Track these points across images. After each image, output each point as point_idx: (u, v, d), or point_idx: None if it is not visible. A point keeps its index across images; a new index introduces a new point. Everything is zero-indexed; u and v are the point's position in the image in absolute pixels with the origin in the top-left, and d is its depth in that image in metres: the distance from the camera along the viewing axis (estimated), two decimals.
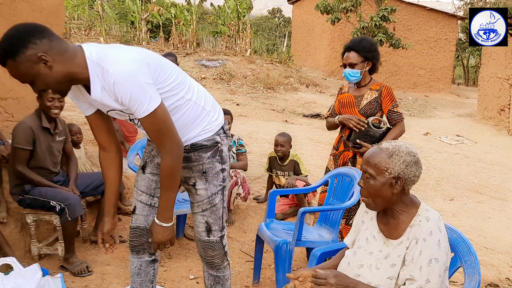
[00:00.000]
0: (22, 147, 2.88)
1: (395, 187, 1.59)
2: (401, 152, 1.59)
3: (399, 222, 1.63)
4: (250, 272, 3.09)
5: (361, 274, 1.65)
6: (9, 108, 3.64)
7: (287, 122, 9.51)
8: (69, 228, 2.92)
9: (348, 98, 3.12)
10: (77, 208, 2.91)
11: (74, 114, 6.41)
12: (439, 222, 1.57)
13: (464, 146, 9.03)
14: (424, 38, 17.87)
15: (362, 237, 1.74)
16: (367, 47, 3.00)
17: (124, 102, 1.58)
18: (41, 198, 2.92)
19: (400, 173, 1.58)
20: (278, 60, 16.60)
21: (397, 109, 3.02)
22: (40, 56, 1.50)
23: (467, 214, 4.78)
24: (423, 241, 1.53)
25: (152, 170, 2.02)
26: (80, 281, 2.86)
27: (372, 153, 1.64)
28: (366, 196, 1.66)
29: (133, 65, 1.57)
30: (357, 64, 2.98)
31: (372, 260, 1.65)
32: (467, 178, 6.39)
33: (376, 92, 3.03)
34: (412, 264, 1.53)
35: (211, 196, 1.94)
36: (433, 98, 16.64)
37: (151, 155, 2.03)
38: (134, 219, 2.03)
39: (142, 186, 2.02)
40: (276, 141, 4.27)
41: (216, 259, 2.03)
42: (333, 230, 2.95)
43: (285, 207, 4.24)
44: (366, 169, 1.63)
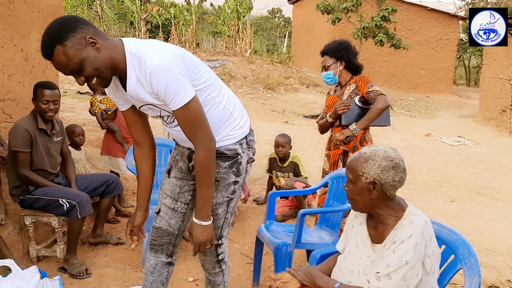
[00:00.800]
0: (21, 149, 2.86)
1: (372, 192, 1.59)
2: (377, 157, 1.58)
3: (386, 226, 1.62)
4: (250, 275, 3.07)
5: (352, 280, 1.66)
6: (7, 109, 3.62)
7: (287, 123, 9.50)
8: (75, 228, 2.91)
9: (333, 99, 3.27)
10: (87, 206, 2.91)
11: (72, 115, 6.41)
12: (424, 226, 1.54)
13: (465, 147, 9.00)
14: (425, 38, 17.85)
15: (352, 242, 1.74)
16: (334, 48, 3.15)
17: (160, 92, 1.60)
18: (47, 197, 2.89)
19: (376, 178, 1.57)
20: (278, 60, 16.61)
21: (373, 88, 3.05)
22: (89, 38, 1.52)
23: (468, 216, 4.76)
24: (400, 242, 1.52)
25: (176, 174, 2.02)
26: (78, 283, 2.83)
27: (352, 158, 1.66)
28: (350, 199, 1.68)
29: (169, 57, 1.60)
30: (330, 65, 3.15)
31: (361, 266, 1.65)
32: (468, 180, 6.36)
33: (354, 84, 3.15)
34: (381, 259, 1.54)
35: (214, 205, 1.90)
36: (434, 98, 16.63)
37: (175, 160, 2.04)
38: (158, 219, 2.04)
39: (167, 190, 2.03)
40: (277, 142, 4.25)
41: (206, 263, 2.05)
42: (333, 232, 2.92)
43: (285, 208, 4.22)
44: (347, 173, 1.65)
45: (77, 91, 9.07)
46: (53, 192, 2.91)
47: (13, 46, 3.55)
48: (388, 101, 3.03)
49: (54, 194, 2.90)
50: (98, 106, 4.37)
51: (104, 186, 3.26)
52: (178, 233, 2.05)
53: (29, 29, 3.66)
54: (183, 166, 1.99)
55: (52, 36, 1.50)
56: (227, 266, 2.10)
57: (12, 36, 3.52)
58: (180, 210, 2.01)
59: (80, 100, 8.16)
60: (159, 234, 2.04)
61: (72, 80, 10.22)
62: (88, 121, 5.66)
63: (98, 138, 5.23)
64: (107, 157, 4.36)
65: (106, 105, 4.37)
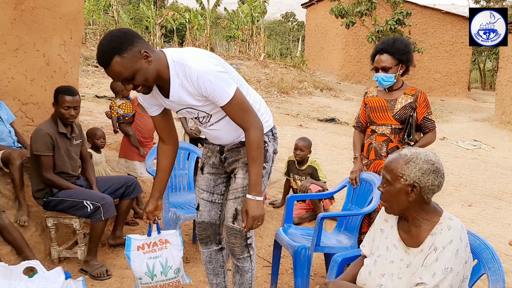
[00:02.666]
0: (44, 153, 2.92)
1: (410, 195, 1.57)
2: (419, 160, 1.56)
3: (421, 230, 1.61)
4: (267, 278, 3.08)
5: (383, 284, 1.64)
6: (29, 113, 3.69)
7: (301, 126, 9.49)
8: (98, 229, 2.95)
9: (379, 102, 2.97)
10: (111, 208, 2.96)
11: (90, 118, 6.51)
12: (462, 231, 1.55)
13: (481, 151, 8.90)
14: (439, 41, 17.71)
15: (382, 246, 1.72)
16: (401, 49, 2.81)
17: (209, 92, 1.81)
18: (72, 198, 2.95)
19: (416, 180, 1.55)
20: (292, 64, 16.61)
21: (431, 117, 2.93)
22: (143, 52, 1.71)
23: (486, 220, 4.70)
24: (441, 249, 1.51)
25: (209, 170, 2.23)
26: (99, 284, 2.88)
27: (391, 158, 1.63)
28: (384, 201, 1.66)
29: (211, 60, 1.82)
30: (391, 68, 2.82)
31: (393, 269, 1.63)
32: (485, 184, 6.29)
33: (412, 97, 2.89)
34: (425, 268, 1.52)
35: (245, 186, 2.08)
36: (449, 102, 16.46)
37: (207, 157, 2.25)
38: (199, 214, 2.25)
39: (203, 185, 2.24)
40: (296, 145, 4.27)
41: (236, 247, 2.15)
42: (351, 236, 2.92)
43: (301, 211, 4.23)
44: (384, 174, 1.63)
45: (95, 95, 9.19)
46: (78, 194, 2.96)
47: (36, 51, 3.63)
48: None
49: (78, 196, 2.95)
50: (116, 111, 4.44)
51: (123, 188, 3.30)
52: (220, 222, 2.25)
53: (51, 34, 3.74)
54: (215, 160, 2.20)
55: (112, 48, 1.66)
56: (254, 252, 2.23)
57: (34, 41, 3.60)
58: (217, 201, 2.23)
59: (97, 104, 8.27)
60: (203, 227, 2.25)
61: (90, 84, 10.37)
62: (106, 124, 5.74)
63: (116, 142, 5.30)
64: (124, 160, 4.42)
65: (124, 111, 4.43)
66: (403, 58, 2.82)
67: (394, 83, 2.89)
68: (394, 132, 2.93)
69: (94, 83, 10.60)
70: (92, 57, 12.58)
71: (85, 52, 12.57)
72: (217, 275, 2.33)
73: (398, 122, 2.91)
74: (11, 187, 3.18)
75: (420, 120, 2.92)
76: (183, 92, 1.86)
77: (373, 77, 2.97)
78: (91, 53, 12.87)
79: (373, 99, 3.00)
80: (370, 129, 3.03)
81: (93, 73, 11.56)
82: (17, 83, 3.55)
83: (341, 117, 10.99)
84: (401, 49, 2.82)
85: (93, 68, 11.89)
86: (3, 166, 3.17)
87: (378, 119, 2.96)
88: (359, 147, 3.09)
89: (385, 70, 2.83)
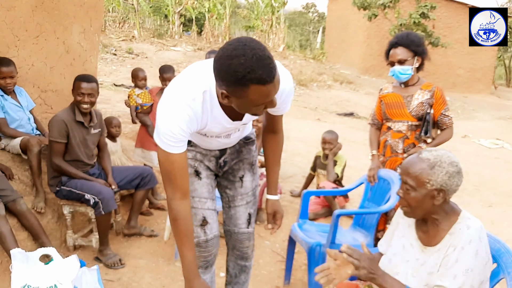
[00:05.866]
0: (56, 140, 2.94)
1: (436, 199, 1.52)
2: (444, 163, 1.51)
3: (439, 230, 1.57)
4: (281, 273, 3.05)
5: None
6: (48, 100, 3.72)
7: (319, 120, 9.39)
8: (103, 221, 2.96)
9: (395, 98, 2.93)
10: (110, 202, 2.94)
11: (108, 106, 6.54)
12: (481, 231, 1.50)
13: (504, 150, 8.67)
14: (464, 36, 17.23)
15: (398, 244, 1.69)
16: (416, 41, 2.80)
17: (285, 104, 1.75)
18: (76, 190, 2.97)
19: (442, 184, 1.50)
20: (311, 56, 16.45)
21: (448, 113, 2.88)
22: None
23: (507, 222, 4.58)
24: (461, 249, 1.47)
25: (205, 174, 1.95)
26: (113, 273, 2.89)
27: (412, 163, 1.56)
28: (405, 206, 1.60)
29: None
30: (407, 60, 2.79)
31: (408, 268, 1.61)
32: (507, 184, 6.12)
33: (428, 93, 2.86)
34: (446, 270, 1.48)
35: (255, 188, 2.03)
36: (472, 99, 16.08)
37: (197, 160, 1.94)
38: (208, 230, 1.91)
39: (204, 193, 1.93)
40: (324, 139, 4.23)
41: (249, 249, 2.09)
42: (368, 234, 2.87)
43: (317, 207, 4.18)
44: (406, 180, 1.56)
45: (113, 83, 9.25)
46: (81, 186, 2.98)
47: (56, 39, 3.64)
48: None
49: (82, 188, 2.97)
50: (135, 100, 4.43)
51: (139, 178, 3.31)
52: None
53: (71, 22, 3.74)
54: (209, 164, 1.95)
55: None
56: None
57: (55, 28, 3.61)
58: (216, 207, 2.00)
59: (115, 92, 8.31)
60: (214, 244, 1.95)
61: (108, 72, 10.43)
62: (124, 113, 5.75)
63: (133, 131, 5.31)
64: (140, 150, 4.42)
65: (143, 100, 4.43)
66: (418, 49, 2.81)
67: (409, 79, 2.86)
68: (410, 129, 2.89)
69: (113, 71, 10.65)
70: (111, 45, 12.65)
71: (104, 40, 12.63)
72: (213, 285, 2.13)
73: (415, 118, 2.86)
74: (29, 174, 3.22)
75: (437, 117, 2.87)
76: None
77: (389, 73, 2.91)
78: (110, 40, 12.94)
79: (389, 95, 2.96)
80: (386, 126, 3.00)
81: (112, 61, 11.62)
82: (37, 70, 3.57)
83: (360, 112, 10.84)
84: (416, 41, 2.81)
85: (112, 56, 11.95)
86: (22, 152, 3.20)
87: (394, 115, 2.92)
88: (375, 144, 3.06)
89: (401, 63, 2.80)
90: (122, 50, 12.59)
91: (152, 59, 12.08)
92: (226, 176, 2.02)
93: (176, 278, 2.89)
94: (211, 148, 1.92)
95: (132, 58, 12.09)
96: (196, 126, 1.60)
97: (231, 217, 2.03)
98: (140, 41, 14.49)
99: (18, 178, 3.17)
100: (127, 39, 14.45)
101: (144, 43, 14.40)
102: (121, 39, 13.94)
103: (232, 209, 2.02)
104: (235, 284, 2.20)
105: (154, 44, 14.55)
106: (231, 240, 2.08)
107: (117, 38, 13.89)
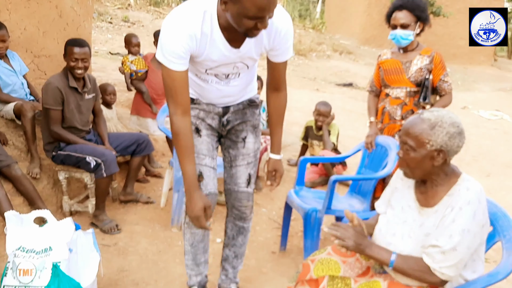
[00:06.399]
0: (52, 107, 2.89)
1: (436, 160, 1.51)
2: (445, 123, 1.48)
3: (438, 191, 1.56)
4: (277, 239, 3.07)
5: (392, 242, 1.61)
6: (42, 65, 3.65)
7: (318, 90, 9.31)
8: (102, 185, 2.95)
9: (394, 64, 2.89)
10: (112, 165, 2.93)
11: (104, 75, 6.45)
12: (480, 194, 1.49)
13: (503, 121, 8.65)
14: (466, 6, 16.91)
15: (397, 206, 1.68)
16: (421, 6, 2.74)
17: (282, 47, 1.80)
18: (76, 154, 2.93)
19: (443, 145, 1.48)
20: (311, 26, 16.18)
21: (447, 79, 2.83)
22: None
23: (505, 191, 4.61)
24: (459, 210, 1.46)
25: (206, 132, 1.99)
26: (109, 238, 2.90)
27: (413, 123, 1.53)
28: (404, 166, 1.59)
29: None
30: (409, 25, 2.74)
31: (405, 229, 1.61)
32: (505, 155, 6.14)
33: (428, 58, 2.81)
34: (442, 230, 1.48)
35: (256, 150, 2.08)
36: (473, 70, 15.94)
37: (199, 118, 1.99)
38: (204, 186, 1.94)
39: (203, 150, 1.97)
40: (318, 111, 4.19)
41: (248, 209, 2.12)
42: (364, 200, 2.87)
43: (314, 176, 4.18)
44: (406, 140, 1.54)
45: (109, 52, 9.10)
46: (82, 150, 2.94)
47: (48, 2, 3.54)
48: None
49: (82, 151, 2.93)
50: (129, 67, 4.36)
51: (135, 145, 3.28)
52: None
53: None
54: (212, 122, 2.01)
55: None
56: None
57: None
58: (215, 167, 2.02)
59: (111, 60, 8.19)
60: (212, 202, 1.97)
61: (104, 41, 10.25)
62: (120, 81, 5.67)
63: (129, 99, 5.25)
64: (136, 117, 4.38)
65: (137, 66, 4.36)
66: (422, 15, 2.75)
67: (409, 44, 2.81)
68: (409, 95, 2.86)
69: (108, 39, 10.46)
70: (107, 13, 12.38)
71: (100, 8, 12.35)
72: (206, 251, 2.18)
73: (413, 84, 2.83)
74: (23, 140, 3.19)
75: (436, 82, 2.83)
76: (253, 41, 1.74)
77: (389, 35, 2.84)
78: (105, 8, 12.65)
79: (388, 62, 2.92)
80: (384, 93, 2.97)
81: (107, 29, 11.40)
82: (29, 35, 3.49)
83: (359, 82, 10.74)
84: (421, 6, 2.75)
85: (107, 25, 11.71)
86: (16, 118, 3.16)
87: (393, 82, 2.89)
88: (374, 111, 3.03)
89: (404, 27, 2.74)
90: (117, 19, 12.33)
91: (148, 27, 11.83)
92: (229, 137, 2.07)
93: (172, 243, 2.90)
94: (212, 99, 1.95)
95: (128, 27, 11.85)
96: (195, 45, 1.67)
97: (232, 176, 2.07)
98: (136, 9, 14.16)
99: (12, 143, 3.14)
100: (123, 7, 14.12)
101: (141, 11, 14.09)
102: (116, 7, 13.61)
103: (233, 169, 2.07)
104: (232, 246, 2.23)
105: (150, 13, 14.25)
106: (230, 199, 2.12)
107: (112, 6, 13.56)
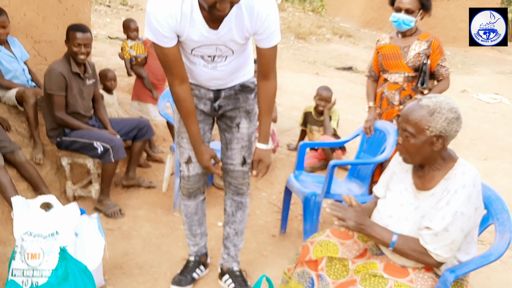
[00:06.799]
0: (56, 93, 2.91)
1: (435, 145, 1.55)
2: (443, 109, 1.52)
3: (434, 175, 1.61)
4: (277, 223, 3.13)
5: (389, 224, 1.66)
6: (42, 51, 3.66)
7: (318, 74, 9.28)
8: (109, 171, 2.99)
9: (392, 49, 2.91)
10: (121, 150, 2.98)
11: (103, 59, 6.43)
12: (476, 178, 1.54)
13: (502, 105, 8.65)
14: None
15: (395, 189, 1.73)
16: None
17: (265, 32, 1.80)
18: (83, 139, 2.97)
19: (442, 131, 1.52)
20: (310, 9, 16.03)
21: (445, 63, 2.85)
22: None
23: (502, 175, 4.65)
24: (454, 193, 1.51)
25: (198, 117, 2.08)
26: (113, 222, 2.96)
27: (412, 110, 1.57)
28: (404, 153, 1.63)
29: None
30: (414, 11, 2.75)
31: (401, 212, 1.65)
32: (503, 138, 6.16)
33: (426, 43, 2.84)
34: (436, 212, 1.52)
35: (251, 134, 2.14)
36: (473, 53, 15.83)
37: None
38: (192, 167, 2.15)
39: None
40: (320, 95, 4.20)
41: (244, 186, 2.23)
42: (362, 184, 2.92)
43: (314, 160, 4.22)
44: (406, 127, 1.57)
45: (108, 36, 9.05)
46: (89, 135, 2.97)
47: None
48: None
49: (89, 136, 2.97)
50: (128, 52, 4.37)
51: (136, 130, 3.31)
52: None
53: None
54: (204, 108, 2.10)
55: None
56: None
57: None
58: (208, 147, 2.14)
59: (110, 45, 8.15)
60: (196, 180, 2.20)
61: (102, 25, 10.18)
62: (119, 66, 5.67)
63: (129, 85, 5.26)
64: (137, 103, 4.41)
65: (137, 52, 4.36)
66: (427, 3, 2.77)
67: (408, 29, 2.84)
68: (407, 80, 2.89)
69: (107, 23, 10.38)
70: None
71: None
72: (201, 224, 2.35)
73: (411, 69, 2.86)
74: (26, 126, 3.22)
75: (434, 67, 2.85)
76: (234, 25, 1.76)
77: (391, 17, 2.84)
78: None
79: (386, 46, 2.95)
80: (382, 78, 3.00)
81: (105, 13, 11.30)
82: (29, 20, 3.49)
83: (359, 66, 10.70)
84: None
85: (106, 8, 11.61)
86: (18, 104, 3.19)
87: (391, 67, 2.91)
88: (372, 96, 3.06)
89: (409, 12, 2.75)
90: (116, 2, 12.21)
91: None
92: (224, 121, 2.15)
93: (175, 227, 2.96)
94: (202, 81, 2.02)
95: (126, 10, 11.75)
96: (176, 24, 1.73)
97: (228, 157, 2.17)
98: None
99: (15, 129, 3.17)
100: None
101: None
102: None
103: (229, 151, 2.16)
104: (232, 223, 2.32)
105: None
106: (227, 177, 2.22)
107: None
